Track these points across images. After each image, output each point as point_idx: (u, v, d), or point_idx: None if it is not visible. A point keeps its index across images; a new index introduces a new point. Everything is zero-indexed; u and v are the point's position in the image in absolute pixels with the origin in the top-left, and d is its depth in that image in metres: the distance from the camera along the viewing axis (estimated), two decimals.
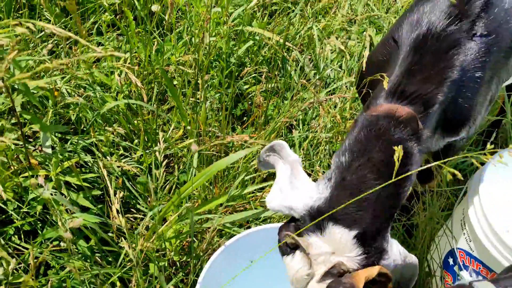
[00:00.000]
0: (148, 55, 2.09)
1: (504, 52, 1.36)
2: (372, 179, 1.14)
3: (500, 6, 1.35)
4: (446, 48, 1.28)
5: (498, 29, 1.32)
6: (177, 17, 2.52)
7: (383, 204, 1.14)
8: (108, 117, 1.97)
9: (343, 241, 1.11)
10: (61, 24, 2.27)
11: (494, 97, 1.44)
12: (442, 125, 1.36)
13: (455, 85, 1.28)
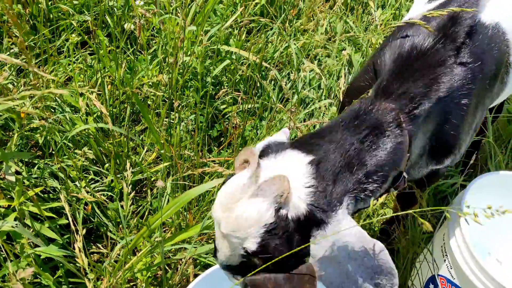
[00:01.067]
0: (120, 74, 2.01)
1: (489, 79, 1.34)
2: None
3: (484, 33, 1.32)
4: (434, 63, 1.25)
5: (483, 56, 1.29)
6: (152, 34, 2.46)
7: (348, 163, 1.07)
8: (77, 140, 1.89)
9: (296, 163, 1.04)
10: (30, 42, 2.19)
11: (478, 125, 1.41)
12: (427, 152, 1.32)
13: (442, 106, 1.24)
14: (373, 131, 1.12)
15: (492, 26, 1.34)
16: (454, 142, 1.30)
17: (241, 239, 0.98)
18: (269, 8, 2.65)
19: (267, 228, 0.97)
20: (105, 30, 2.41)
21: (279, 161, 1.06)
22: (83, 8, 2.41)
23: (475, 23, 1.30)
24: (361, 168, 1.07)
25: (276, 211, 0.97)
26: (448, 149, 1.32)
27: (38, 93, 1.22)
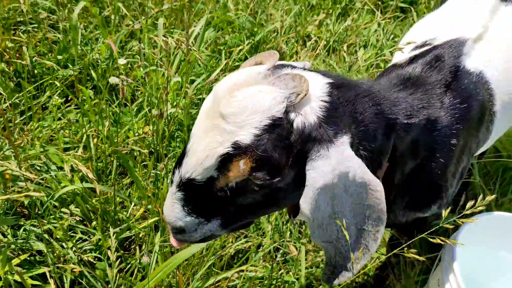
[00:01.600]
0: (106, 129, 2.01)
1: (475, 123, 1.35)
2: None
3: (469, 78, 1.34)
4: (425, 86, 1.26)
5: (469, 100, 1.31)
6: (137, 85, 2.47)
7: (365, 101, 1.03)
8: (64, 198, 1.87)
9: (314, 79, 0.96)
10: (15, 99, 2.18)
11: (465, 171, 1.41)
12: (411, 193, 1.30)
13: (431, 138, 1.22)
14: (382, 103, 1.09)
15: (476, 73, 1.37)
16: (441, 183, 1.29)
17: (237, 126, 0.85)
18: (253, 53, 2.68)
19: (273, 122, 0.86)
20: (90, 83, 2.41)
21: (301, 72, 0.96)
22: (67, 62, 2.42)
23: (459, 68, 1.33)
24: (366, 121, 1.02)
25: (288, 111, 0.88)
26: (435, 192, 1.30)
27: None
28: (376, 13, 3.11)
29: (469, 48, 1.39)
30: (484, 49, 1.42)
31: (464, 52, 1.37)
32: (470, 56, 1.38)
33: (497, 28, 1.48)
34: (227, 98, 0.87)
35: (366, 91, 1.06)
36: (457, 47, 1.37)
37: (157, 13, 2.83)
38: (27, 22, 2.57)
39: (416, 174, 1.25)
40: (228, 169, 0.88)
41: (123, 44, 2.63)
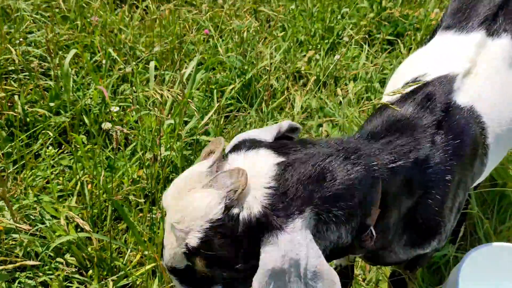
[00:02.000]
0: (100, 175, 2.00)
1: (469, 158, 1.35)
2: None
3: (460, 114, 1.36)
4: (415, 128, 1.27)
5: (461, 135, 1.32)
6: (130, 130, 2.47)
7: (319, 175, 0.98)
8: (59, 248, 1.84)
9: (263, 162, 0.95)
10: (7, 149, 2.17)
11: (462, 205, 1.41)
12: (412, 230, 1.30)
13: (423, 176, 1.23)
14: (351, 158, 1.05)
15: (467, 108, 1.38)
16: (439, 219, 1.29)
17: (184, 232, 0.91)
18: (245, 91, 2.71)
19: (213, 224, 0.89)
20: (83, 128, 2.41)
21: (247, 157, 0.98)
22: (60, 108, 2.43)
23: (451, 104, 1.35)
24: (331, 185, 0.98)
25: (227, 208, 0.90)
26: (434, 228, 1.30)
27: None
28: (364, 46, 3.16)
29: (459, 83, 1.41)
30: (473, 84, 1.44)
31: (454, 88, 1.39)
32: (461, 92, 1.40)
33: (485, 62, 1.51)
34: (172, 207, 0.93)
35: (330, 153, 1.03)
36: (447, 83, 1.39)
37: (148, 56, 2.86)
38: (19, 70, 2.59)
39: (413, 212, 1.26)
40: (194, 262, 0.94)
41: (115, 88, 2.64)
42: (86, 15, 3.05)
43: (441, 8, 3.39)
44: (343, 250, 1.07)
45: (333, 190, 0.98)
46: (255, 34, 3.13)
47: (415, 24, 3.21)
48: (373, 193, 1.08)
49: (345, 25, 3.31)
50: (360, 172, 1.04)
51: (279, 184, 0.92)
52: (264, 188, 0.92)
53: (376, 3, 3.39)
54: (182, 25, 3.19)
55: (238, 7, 3.42)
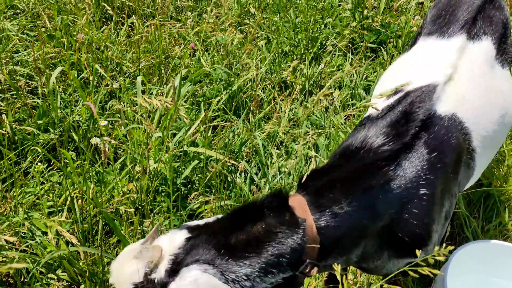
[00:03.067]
0: (90, 190, 2.00)
1: (451, 167, 1.37)
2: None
3: (440, 124, 1.38)
4: (377, 162, 1.30)
5: (440, 147, 1.34)
6: (119, 144, 2.49)
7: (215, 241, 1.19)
8: (50, 264, 1.84)
9: (178, 238, 1.21)
10: None
11: (450, 213, 1.43)
12: (393, 245, 1.33)
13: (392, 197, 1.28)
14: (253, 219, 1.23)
15: (448, 117, 1.41)
16: (421, 232, 1.31)
17: None
18: (232, 102, 2.74)
19: (136, 286, 1.15)
20: (72, 144, 2.43)
21: (170, 236, 1.23)
22: (48, 126, 2.44)
23: (430, 116, 1.37)
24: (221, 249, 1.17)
25: (147, 274, 1.16)
26: (418, 240, 1.32)
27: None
28: (348, 54, 3.21)
29: (439, 92, 1.43)
30: (456, 89, 1.47)
31: (434, 98, 1.41)
32: (441, 101, 1.43)
33: (467, 65, 1.54)
34: (113, 271, 1.21)
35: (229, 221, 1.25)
36: (427, 95, 1.41)
37: (135, 72, 2.89)
38: (5, 90, 2.60)
39: (391, 228, 1.29)
40: None
41: (103, 104, 2.66)
42: (72, 33, 3.08)
43: (422, 15, 3.46)
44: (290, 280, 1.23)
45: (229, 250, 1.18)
46: (240, 46, 3.18)
47: (396, 32, 3.27)
48: (295, 241, 1.20)
49: (328, 34, 3.36)
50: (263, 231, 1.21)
51: (179, 252, 1.18)
52: (169, 256, 1.18)
53: (358, 12, 3.45)
54: (168, 40, 3.23)
55: (223, 21, 3.47)
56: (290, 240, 1.19)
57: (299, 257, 1.20)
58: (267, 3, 3.71)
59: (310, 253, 1.22)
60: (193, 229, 1.23)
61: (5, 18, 3.15)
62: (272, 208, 1.23)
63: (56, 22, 3.07)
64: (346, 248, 1.29)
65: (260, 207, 1.25)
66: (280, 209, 1.23)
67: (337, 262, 1.29)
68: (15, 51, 2.91)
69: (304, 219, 1.22)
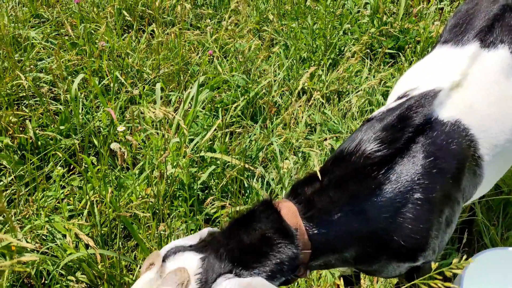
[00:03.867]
0: (109, 195, 2.05)
1: (450, 174, 1.37)
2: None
3: (440, 129, 1.38)
4: (368, 167, 1.31)
5: (438, 152, 1.34)
6: (138, 147, 2.53)
7: (225, 254, 1.21)
8: (70, 266, 1.88)
9: (190, 260, 1.20)
10: (19, 172, 2.24)
11: (452, 219, 1.42)
12: (390, 248, 1.34)
13: (374, 201, 1.29)
14: (251, 231, 1.26)
15: (450, 123, 1.40)
16: (417, 236, 1.31)
17: None
18: (250, 107, 2.76)
19: None
20: (92, 149, 2.48)
21: (179, 260, 1.21)
22: (69, 131, 2.50)
23: (429, 121, 1.37)
24: (234, 261, 1.20)
25: None
26: (414, 244, 1.32)
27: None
28: (366, 60, 3.21)
29: (443, 98, 1.43)
30: (463, 96, 1.46)
31: (436, 103, 1.41)
32: (445, 106, 1.42)
33: (479, 73, 1.53)
34: None
35: (231, 235, 1.27)
36: (427, 100, 1.40)
37: (155, 78, 2.94)
38: (29, 96, 2.67)
39: (388, 232, 1.30)
40: None
41: (123, 110, 2.72)
42: (94, 41, 3.15)
43: (442, 20, 3.44)
44: (285, 282, 1.30)
45: (237, 258, 1.21)
46: (258, 53, 3.20)
47: (415, 37, 3.25)
48: (290, 248, 1.25)
49: (346, 40, 3.36)
50: (261, 240, 1.24)
51: (202, 271, 1.18)
52: (194, 275, 1.17)
53: (377, 18, 3.45)
54: (187, 47, 3.28)
55: (242, 28, 3.50)
56: (287, 250, 1.24)
57: (294, 263, 1.26)
58: (286, 10, 3.74)
59: (303, 258, 1.28)
60: (199, 249, 1.25)
61: (30, 27, 3.24)
62: (266, 220, 1.27)
63: (79, 30, 3.15)
64: (337, 249, 1.33)
65: (255, 219, 1.28)
66: (274, 220, 1.27)
67: (330, 260, 1.34)
68: (39, 58, 3.00)
69: (296, 228, 1.26)
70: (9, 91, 2.65)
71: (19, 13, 3.35)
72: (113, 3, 3.44)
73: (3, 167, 2.31)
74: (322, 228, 1.28)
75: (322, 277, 1.97)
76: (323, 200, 1.29)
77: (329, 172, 1.34)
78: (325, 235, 1.29)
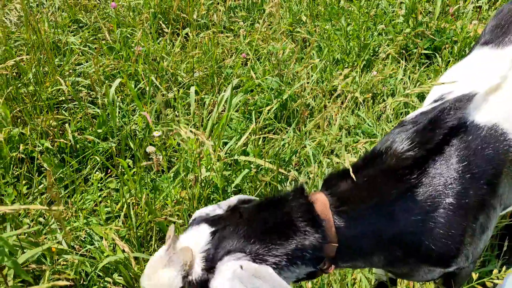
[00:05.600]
0: (144, 197, 2.09)
1: (484, 179, 1.33)
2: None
3: (476, 133, 1.35)
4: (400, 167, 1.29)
5: (471, 157, 1.32)
6: (174, 150, 2.57)
7: (241, 232, 1.21)
8: (107, 268, 1.93)
9: (201, 234, 1.21)
10: (59, 174, 2.31)
11: (488, 226, 1.38)
12: (418, 251, 1.32)
13: (405, 203, 1.27)
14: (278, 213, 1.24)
15: (487, 127, 1.37)
16: (449, 241, 1.29)
17: None
18: (283, 111, 2.76)
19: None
20: (129, 152, 2.53)
21: (191, 233, 1.23)
22: (107, 134, 2.56)
23: (464, 125, 1.35)
24: (250, 237, 1.20)
25: (184, 277, 1.16)
26: (445, 249, 1.29)
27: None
28: (401, 61, 3.16)
29: (479, 102, 1.40)
30: (502, 100, 1.42)
31: (470, 107, 1.38)
32: (481, 110, 1.39)
33: None
34: (148, 287, 1.19)
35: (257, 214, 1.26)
36: (461, 103, 1.37)
37: (189, 82, 2.98)
38: (68, 100, 2.75)
39: (419, 236, 1.28)
40: None
41: (158, 113, 2.76)
42: (130, 45, 3.21)
43: (480, 19, 3.35)
44: (310, 275, 1.28)
45: (255, 239, 1.20)
46: (291, 55, 3.20)
47: (452, 37, 3.18)
48: (315, 238, 1.23)
49: (381, 41, 3.32)
50: (286, 226, 1.22)
51: (210, 247, 1.19)
52: (200, 254, 1.19)
53: (412, 18, 3.39)
54: (221, 50, 3.30)
55: (275, 30, 3.50)
56: (311, 238, 1.22)
57: (319, 254, 1.24)
58: (319, 11, 3.72)
59: (329, 252, 1.25)
60: (214, 222, 1.25)
61: (69, 32, 3.34)
62: (296, 205, 1.25)
63: (116, 35, 3.22)
64: (364, 250, 1.31)
65: (285, 202, 1.27)
66: (304, 207, 1.25)
67: (358, 263, 1.33)
68: (77, 63, 3.08)
69: (324, 219, 1.25)
70: (49, 95, 2.73)
71: (58, 19, 3.45)
72: (149, 8, 3.50)
73: (43, 170, 2.38)
74: (350, 223, 1.27)
75: (357, 282, 1.96)
76: (355, 197, 1.28)
77: (362, 170, 1.32)
78: (352, 231, 1.27)
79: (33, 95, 2.67)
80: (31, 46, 2.91)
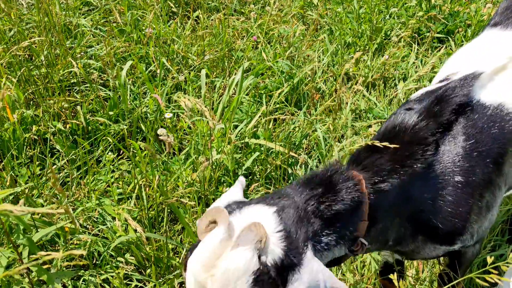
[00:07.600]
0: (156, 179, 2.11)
1: (491, 158, 1.33)
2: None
3: (482, 112, 1.35)
4: (414, 140, 1.29)
5: (478, 135, 1.32)
6: (184, 133, 2.58)
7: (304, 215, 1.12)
8: (119, 248, 1.96)
9: (262, 213, 1.08)
10: (71, 156, 2.33)
11: (493, 204, 1.38)
12: (426, 229, 1.32)
13: (425, 181, 1.27)
14: (328, 191, 1.18)
15: (493, 106, 1.37)
16: (456, 219, 1.30)
17: None
18: (294, 94, 2.76)
19: (255, 276, 0.97)
20: (140, 134, 2.55)
21: (246, 215, 1.08)
22: (118, 117, 2.57)
23: (470, 103, 1.35)
24: (315, 221, 1.13)
25: (259, 257, 0.99)
26: (452, 227, 1.30)
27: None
28: (413, 45, 3.13)
29: (485, 81, 1.39)
30: (509, 80, 1.42)
31: (476, 86, 1.37)
32: (486, 89, 1.38)
33: None
34: (209, 278, 0.98)
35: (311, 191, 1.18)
36: (466, 82, 1.37)
37: (200, 64, 2.98)
38: (80, 83, 2.76)
39: (428, 214, 1.29)
40: None
41: (169, 96, 2.77)
42: (141, 27, 3.21)
43: (494, 2, 3.30)
44: (340, 259, 1.24)
45: (318, 224, 1.13)
46: (302, 38, 3.18)
47: (466, 21, 3.14)
48: (357, 215, 1.20)
49: (393, 24, 3.29)
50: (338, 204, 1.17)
51: (284, 227, 1.06)
52: (276, 233, 1.05)
53: (425, 1, 3.35)
54: (232, 33, 3.29)
55: (286, 13, 3.48)
56: (354, 217, 1.19)
57: (355, 233, 1.20)
58: None
59: (361, 229, 1.21)
60: (269, 202, 1.14)
61: (80, 15, 3.34)
62: (343, 185, 1.20)
63: (127, 17, 3.21)
64: (385, 229, 1.29)
65: (332, 182, 1.21)
66: (351, 187, 1.20)
67: (375, 245, 1.31)
68: (89, 45, 3.08)
69: (364, 198, 1.21)
70: (61, 77, 2.75)
71: (69, 1, 3.45)
72: None
73: (56, 151, 2.41)
74: (378, 201, 1.24)
75: (366, 265, 1.97)
76: (382, 173, 1.25)
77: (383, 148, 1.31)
78: (379, 208, 1.25)
79: (45, 77, 2.68)
80: (42, 28, 2.92)
